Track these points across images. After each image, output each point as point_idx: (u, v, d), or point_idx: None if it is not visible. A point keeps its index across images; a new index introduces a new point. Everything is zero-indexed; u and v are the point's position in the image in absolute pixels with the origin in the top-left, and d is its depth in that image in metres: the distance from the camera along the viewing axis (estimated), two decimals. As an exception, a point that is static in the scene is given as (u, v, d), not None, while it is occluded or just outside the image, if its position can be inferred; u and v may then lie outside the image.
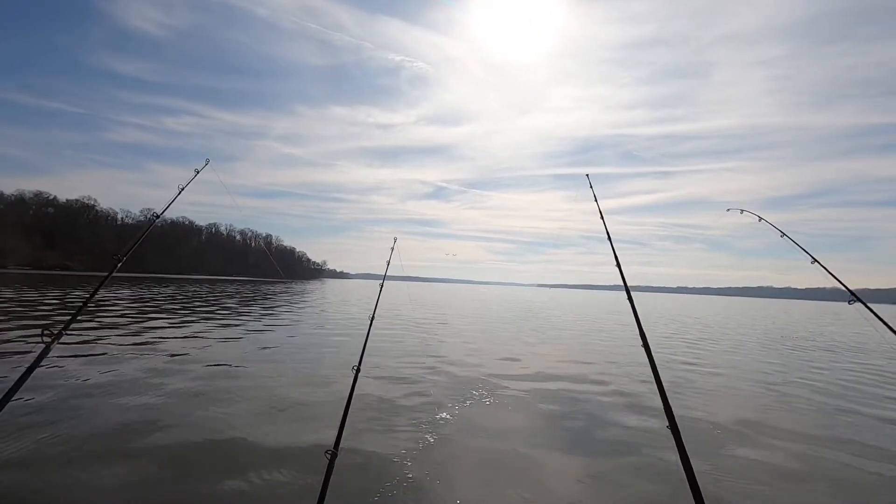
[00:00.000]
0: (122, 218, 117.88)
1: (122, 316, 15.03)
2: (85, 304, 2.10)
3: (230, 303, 24.29)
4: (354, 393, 2.40)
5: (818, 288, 4.16)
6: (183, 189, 2.89)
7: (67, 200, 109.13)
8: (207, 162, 3.24)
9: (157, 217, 2.53)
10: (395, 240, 4.23)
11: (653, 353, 2.20)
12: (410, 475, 3.82)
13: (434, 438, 4.67)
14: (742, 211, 4.72)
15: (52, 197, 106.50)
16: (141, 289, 34.80)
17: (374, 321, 3.15)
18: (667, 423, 1.79)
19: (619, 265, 2.79)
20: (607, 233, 3.07)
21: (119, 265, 2.18)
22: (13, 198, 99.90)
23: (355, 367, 2.52)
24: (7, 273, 60.48)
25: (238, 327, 13.43)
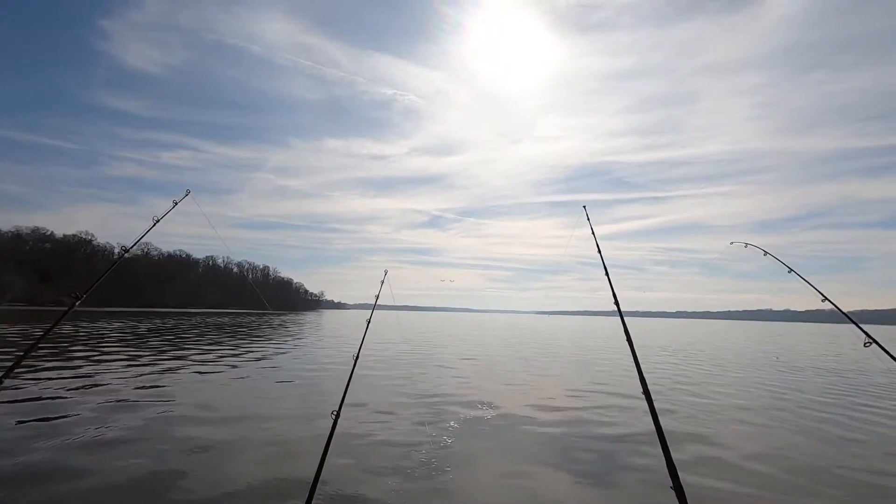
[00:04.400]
0: (118, 252, 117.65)
1: (95, 351, 14.69)
2: (32, 346, 1.93)
3: (209, 337, 23.88)
4: (333, 441, 2.20)
5: (817, 310, 4.04)
6: (158, 221, 2.75)
7: (64, 235, 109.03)
8: (187, 193, 3.11)
9: (126, 251, 2.40)
10: (386, 272, 4.10)
11: (654, 402, 2.04)
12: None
13: (421, 493, 4.26)
14: (746, 245, 4.58)
15: (49, 232, 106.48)
16: (118, 322, 34.35)
17: (359, 359, 2.96)
18: (670, 484, 1.60)
19: (617, 303, 2.66)
20: (604, 265, 2.95)
21: (77, 303, 2.02)
22: (10, 234, 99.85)
23: (334, 413, 2.32)
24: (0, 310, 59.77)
25: (213, 364, 13.09)
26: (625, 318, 2.54)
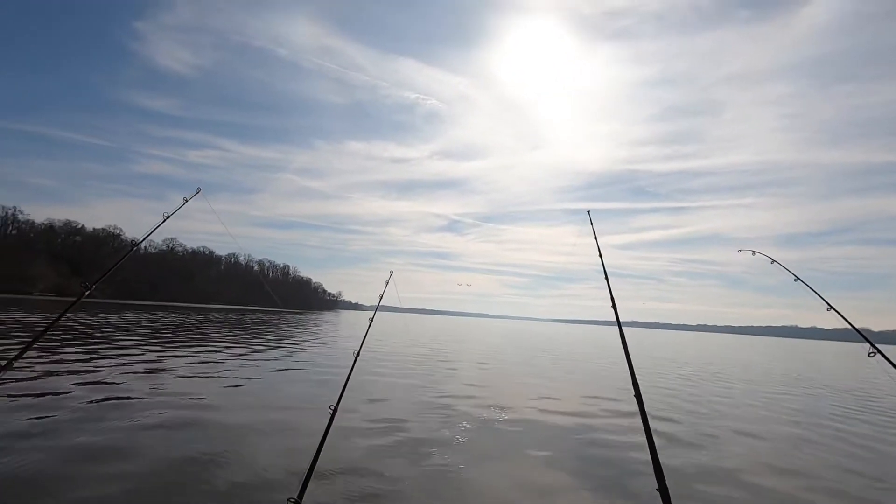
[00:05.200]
0: (145, 247, 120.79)
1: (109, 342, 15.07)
2: (43, 332, 2.01)
3: (230, 332, 24.26)
4: (329, 436, 2.22)
5: (845, 329, 3.93)
6: (168, 217, 2.83)
7: (94, 229, 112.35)
8: (198, 191, 3.20)
9: (136, 245, 2.47)
10: (391, 273, 4.12)
11: (645, 407, 2.03)
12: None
13: (415, 491, 4.29)
14: (754, 252, 4.56)
15: (80, 226, 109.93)
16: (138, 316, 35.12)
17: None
18: (656, 486, 1.59)
19: (615, 308, 2.64)
20: (605, 273, 2.93)
21: (87, 293, 2.10)
22: (43, 226, 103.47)
23: (332, 407, 2.35)
24: (30, 299, 61.97)
25: (223, 359, 13.26)
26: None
